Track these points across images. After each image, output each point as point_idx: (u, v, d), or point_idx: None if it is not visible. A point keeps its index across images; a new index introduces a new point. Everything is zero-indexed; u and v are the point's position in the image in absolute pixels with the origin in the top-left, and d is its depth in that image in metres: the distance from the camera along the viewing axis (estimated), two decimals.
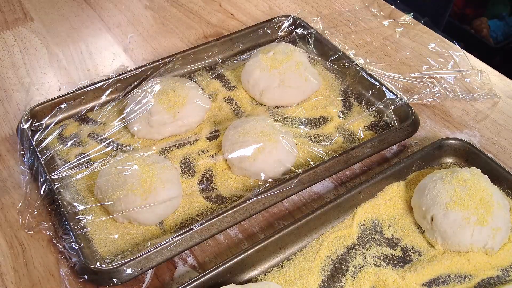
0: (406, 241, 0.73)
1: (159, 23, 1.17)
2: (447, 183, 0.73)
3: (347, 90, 0.96)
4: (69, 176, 0.81)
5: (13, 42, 1.12)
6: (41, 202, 0.78)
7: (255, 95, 0.94)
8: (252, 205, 0.74)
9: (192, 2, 1.23)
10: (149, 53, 1.09)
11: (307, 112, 0.92)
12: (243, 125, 0.83)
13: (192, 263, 0.73)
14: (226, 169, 0.83)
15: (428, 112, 0.93)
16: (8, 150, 0.89)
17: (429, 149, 0.81)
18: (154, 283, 0.71)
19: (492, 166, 0.79)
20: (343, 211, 0.76)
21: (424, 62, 1.02)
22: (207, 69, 1.01)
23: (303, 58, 0.95)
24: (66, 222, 0.73)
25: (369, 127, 0.89)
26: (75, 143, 0.87)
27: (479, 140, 0.88)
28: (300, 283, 0.68)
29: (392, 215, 0.76)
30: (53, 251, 0.74)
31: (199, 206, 0.78)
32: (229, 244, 0.75)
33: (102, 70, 1.04)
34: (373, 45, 1.08)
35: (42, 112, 0.90)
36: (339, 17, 1.15)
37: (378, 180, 0.78)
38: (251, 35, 1.05)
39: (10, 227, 0.77)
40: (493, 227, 0.69)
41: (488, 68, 1.02)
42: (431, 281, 0.69)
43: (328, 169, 0.79)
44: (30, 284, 0.71)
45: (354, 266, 0.70)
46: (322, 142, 0.87)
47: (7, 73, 1.05)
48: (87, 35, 1.15)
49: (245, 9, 1.20)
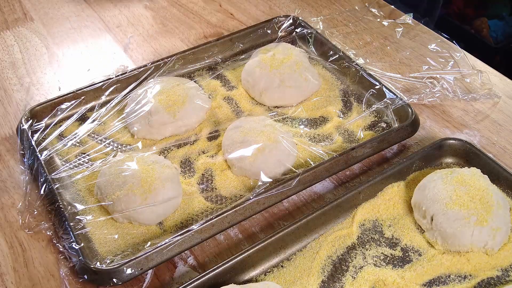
0: (406, 241, 0.73)
1: (159, 23, 1.17)
2: (447, 183, 0.73)
3: (347, 90, 0.96)
4: (69, 176, 0.81)
5: (13, 42, 1.12)
6: (41, 202, 0.78)
7: (255, 95, 0.94)
8: (252, 205, 0.74)
9: (192, 2, 1.23)
10: (149, 53, 1.09)
11: (307, 112, 0.92)
12: (243, 125, 0.83)
13: (192, 263, 0.73)
14: (226, 169, 0.83)
15: (428, 112, 0.93)
16: (8, 150, 0.89)
17: (429, 149, 0.81)
18: (154, 283, 0.71)
19: (492, 166, 0.79)
20: (343, 211, 0.76)
21: (424, 62, 1.02)
22: (207, 69, 1.01)
23: (303, 58, 0.95)
24: (66, 222, 0.73)
25: (369, 127, 0.89)
26: (75, 143, 0.87)
27: (479, 140, 0.88)
28: (300, 283, 0.68)
29: (392, 215, 0.76)
30: (53, 251, 0.74)
31: (199, 206, 0.78)
32: (229, 244, 0.75)
33: (102, 70, 1.04)
34: (373, 45, 1.08)
35: (42, 112, 0.90)
36: (339, 17, 1.15)
37: (378, 180, 0.78)
38: (251, 35, 1.05)
39: (10, 227, 0.77)
40: (493, 227, 0.69)
41: (488, 68, 1.02)
42: (431, 281, 0.69)
43: (328, 169, 0.79)
44: (30, 284, 0.71)
45: (354, 266, 0.70)
46: (322, 142, 0.87)
47: (7, 73, 1.05)
48: (87, 35, 1.15)
49: (245, 9, 1.20)
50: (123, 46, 1.11)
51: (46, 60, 1.08)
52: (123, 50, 1.10)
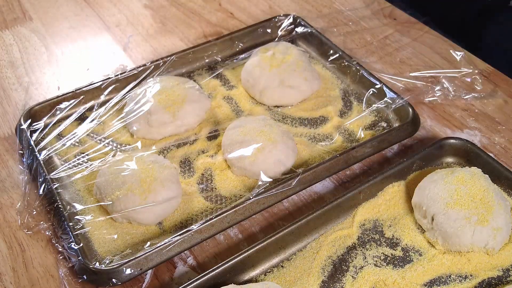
0: (406, 241, 0.73)
1: (158, 23, 1.17)
2: (447, 182, 0.73)
3: (347, 89, 0.95)
4: (68, 176, 0.80)
5: (12, 41, 1.12)
6: (40, 202, 0.78)
7: (255, 94, 0.94)
8: (252, 205, 0.74)
9: (191, 1, 1.22)
10: (149, 53, 1.09)
11: (307, 112, 0.92)
12: (243, 125, 0.83)
13: (191, 263, 0.73)
14: (226, 169, 0.83)
15: (428, 111, 0.93)
16: (7, 150, 0.88)
17: (429, 149, 0.81)
18: (153, 283, 0.71)
19: (493, 165, 0.79)
20: (343, 211, 0.76)
21: (424, 61, 1.02)
22: (206, 69, 1.01)
23: (303, 58, 0.95)
24: (65, 222, 0.73)
25: (369, 126, 0.89)
26: (74, 143, 0.87)
27: (480, 139, 0.88)
28: (300, 283, 0.68)
29: (392, 215, 0.76)
30: (52, 251, 0.74)
31: (199, 206, 0.78)
32: (229, 244, 0.75)
33: (101, 69, 1.04)
34: (373, 45, 1.07)
35: (41, 111, 0.89)
36: (339, 16, 1.15)
37: (378, 180, 0.77)
38: (251, 35, 1.05)
39: (9, 227, 0.77)
40: (494, 227, 0.69)
41: (489, 67, 1.01)
42: (431, 281, 0.68)
43: (328, 169, 0.79)
44: (29, 284, 0.71)
45: (354, 266, 0.70)
46: (322, 142, 0.87)
47: (6, 73, 1.04)
48: (86, 34, 1.14)
49: (245, 8, 1.19)
50: (123, 46, 1.11)
51: (45, 60, 1.08)
52: (123, 49, 1.10)
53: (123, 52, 1.09)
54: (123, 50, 1.10)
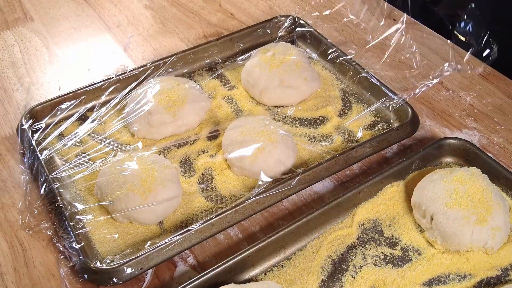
0: (405, 240, 0.73)
1: (159, 23, 1.17)
2: (446, 182, 0.73)
3: (346, 89, 0.96)
4: (69, 175, 0.81)
5: (13, 41, 1.12)
6: (41, 202, 0.78)
7: (255, 94, 0.94)
8: (252, 205, 0.74)
9: (192, 2, 1.23)
10: (149, 53, 1.09)
11: (307, 112, 0.92)
12: (243, 125, 0.83)
13: (192, 263, 0.73)
14: (226, 168, 0.83)
15: (427, 111, 0.93)
16: (8, 149, 0.89)
17: (428, 149, 0.81)
18: (154, 282, 0.71)
19: (492, 165, 0.79)
20: (343, 210, 0.76)
21: (424, 61, 1.02)
22: (207, 69, 1.01)
23: (303, 58, 0.95)
24: (66, 222, 0.73)
25: (369, 126, 0.89)
26: (75, 143, 0.87)
27: (479, 139, 0.88)
28: (300, 283, 0.68)
29: (391, 215, 0.76)
30: (53, 250, 0.74)
31: (199, 205, 0.78)
32: (229, 244, 0.75)
33: (102, 69, 1.04)
34: (373, 45, 1.07)
35: (42, 111, 0.90)
36: (339, 17, 1.15)
37: (378, 179, 0.78)
38: (251, 35, 1.05)
39: (10, 227, 0.77)
40: (493, 227, 0.69)
41: (488, 67, 1.01)
42: (430, 281, 0.69)
43: (328, 169, 0.79)
44: (31, 283, 0.71)
45: (353, 266, 0.70)
46: (322, 142, 0.87)
47: (7, 73, 1.05)
48: (87, 34, 1.15)
49: (245, 9, 1.20)
50: (123, 46, 1.11)
51: (46, 60, 1.08)
52: (123, 49, 1.10)
53: (124, 52, 1.10)
54: (124, 50, 1.10)
